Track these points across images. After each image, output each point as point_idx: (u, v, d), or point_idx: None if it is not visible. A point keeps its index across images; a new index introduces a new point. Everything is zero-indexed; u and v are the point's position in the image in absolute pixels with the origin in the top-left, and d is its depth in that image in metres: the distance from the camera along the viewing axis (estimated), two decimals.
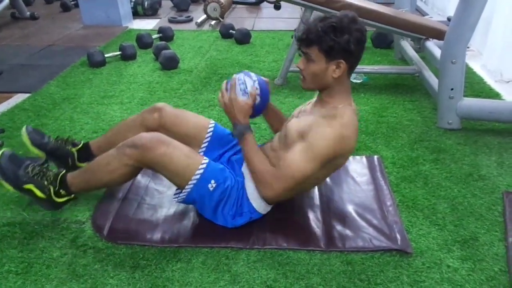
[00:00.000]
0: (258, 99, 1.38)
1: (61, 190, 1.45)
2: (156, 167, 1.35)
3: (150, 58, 3.18)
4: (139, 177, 1.71)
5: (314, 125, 1.25)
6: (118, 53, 3.13)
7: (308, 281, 1.24)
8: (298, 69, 1.33)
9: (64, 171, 1.49)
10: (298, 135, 1.26)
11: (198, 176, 1.33)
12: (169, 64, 2.93)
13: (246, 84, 1.36)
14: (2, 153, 1.42)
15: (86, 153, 1.66)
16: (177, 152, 1.33)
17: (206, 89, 2.63)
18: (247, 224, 1.42)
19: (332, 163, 1.30)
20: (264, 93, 1.39)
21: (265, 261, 1.31)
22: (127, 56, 3.12)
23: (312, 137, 1.22)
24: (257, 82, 1.37)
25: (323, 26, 1.19)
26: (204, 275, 1.26)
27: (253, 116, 1.42)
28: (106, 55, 3.04)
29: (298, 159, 1.24)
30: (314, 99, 1.42)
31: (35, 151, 1.62)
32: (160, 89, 2.62)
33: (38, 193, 1.42)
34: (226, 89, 1.37)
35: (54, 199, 1.45)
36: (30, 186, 1.41)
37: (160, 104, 1.58)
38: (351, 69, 1.26)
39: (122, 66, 3.02)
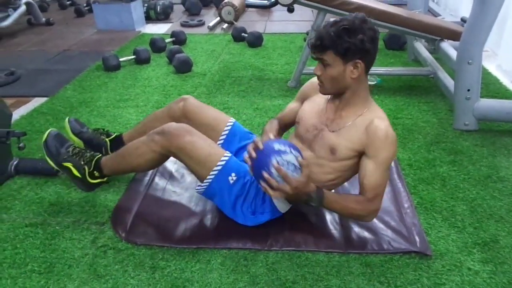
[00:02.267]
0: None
1: (95, 172, 1.51)
2: (180, 155, 1.38)
3: (164, 62, 3.21)
4: (156, 179, 1.73)
5: (369, 138, 1.25)
6: (132, 57, 3.17)
7: (327, 283, 1.24)
8: (311, 71, 1.34)
9: (100, 154, 1.54)
10: (353, 151, 1.28)
11: (219, 167, 1.35)
12: (183, 67, 2.96)
13: (289, 161, 1.23)
14: (49, 132, 1.52)
15: (118, 143, 1.72)
16: (201, 142, 1.37)
17: (220, 92, 2.65)
18: (265, 225, 1.42)
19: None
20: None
21: (283, 263, 1.31)
22: (141, 60, 3.15)
23: (377, 151, 1.24)
24: (294, 150, 1.24)
25: (335, 30, 1.19)
26: (223, 276, 1.27)
27: None
28: (120, 59, 3.08)
29: (379, 179, 1.26)
30: (324, 99, 1.39)
31: (75, 138, 1.74)
32: (174, 92, 2.65)
33: (75, 171, 1.48)
34: (270, 174, 1.23)
35: (88, 180, 1.50)
36: (68, 164, 1.48)
37: (186, 96, 1.65)
38: (368, 67, 1.26)
39: (137, 70, 3.06)
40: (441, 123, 2.21)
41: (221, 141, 1.56)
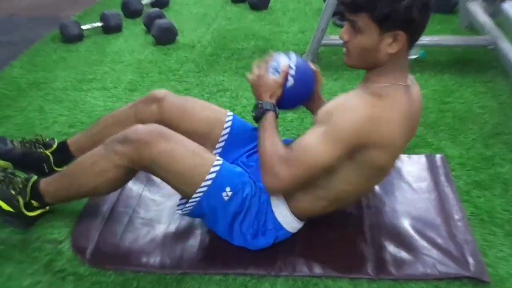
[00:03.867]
0: (291, 81, 1.43)
1: (32, 201, 1.47)
2: (155, 169, 1.36)
3: (140, 30, 3.19)
4: (130, 184, 1.71)
5: (344, 102, 1.25)
6: (99, 24, 3.15)
7: None
8: (333, 41, 1.32)
9: (35, 177, 1.51)
10: (325, 117, 1.26)
11: (209, 182, 1.33)
12: (165, 37, 2.95)
13: (280, 62, 1.44)
14: None
15: (65, 155, 1.68)
16: (182, 149, 1.34)
17: (213, 70, 2.64)
18: (272, 245, 1.42)
19: (366, 156, 1.25)
20: (303, 78, 1.45)
21: None
22: (110, 28, 3.13)
23: (336, 115, 1.22)
24: (294, 62, 1.44)
25: None
26: None
27: (284, 104, 1.46)
28: (83, 27, 3.06)
29: (314, 142, 1.23)
30: None
31: (0, 162, 1.65)
32: (154, 70, 2.64)
33: (4, 206, 1.44)
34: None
35: (24, 213, 1.47)
36: None
37: (161, 92, 1.58)
38: (412, 43, 1.23)
39: (105, 40, 3.04)
40: (503, 109, 2.20)
41: (219, 150, 1.56)
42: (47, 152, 1.69)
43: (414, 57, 2.68)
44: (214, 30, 3.17)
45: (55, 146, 1.70)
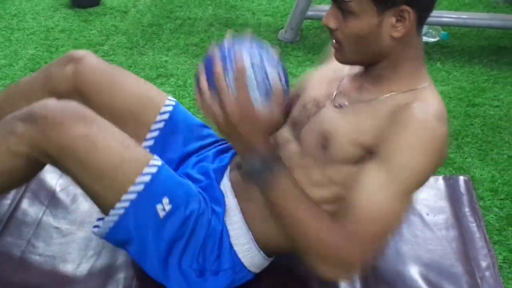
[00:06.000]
0: (285, 99, 1.27)
1: None
2: (64, 161, 1.30)
3: None
4: (25, 204, 1.66)
5: (390, 129, 1.18)
6: None
7: None
8: (321, 13, 1.26)
9: None
10: (359, 146, 1.21)
11: (140, 187, 1.28)
12: None
13: (267, 72, 1.21)
14: None
15: None
16: (106, 137, 1.31)
17: (153, 46, 2.60)
18: None
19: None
20: (288, 84, 1.30)
21: None
22: None
23: (395, 154, 1.16)
24: (282, 70, 1.26)
25: None
26: None
27: None
28: None
29: (384, 201, 1.16)
30: (354, 69, 1.36)
31: None
32: (67, 43, 2.60)
33: None
34: (210, 80, 1.23)
35: None
36: None
37: (81, 52, 1.56)
38: (422, 20, 1.19)
39: None
40: None
41: (150, 141, 1.52)
42: None
43: (434, 40, 2.67)
44: None
45: None
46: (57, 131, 1.27)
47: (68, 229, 1.59)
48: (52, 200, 1.68)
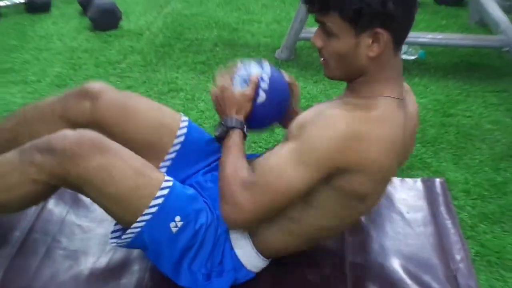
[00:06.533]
0: (262, 96, 1.44)
1: None
2: (84, 189, 1.33)
3: (74, 10, 3.17)
4: (50, 204, 1.69)
5: (322, 114, 1.24)
6: (22, 0, 3.13)
7: None
8: (313, 35, 1.31)
9: None
10: (297, 131, 1.27)
11: (154, 209, 1.31)
12: (105, 21, 2.93)
13: (250, 71, 1.46)
14: None
15: None
16: (122, 165, 1.31)
17: (165, 64, 2.65)
18: None
19: (346, 182, 1.25)
20: (277, 93, 1.48)
21: None
22: (36, 7, 3.10)
23: (310, 129, 1.22)
24: (267, 73, 1.47)
25: None
26: None
27: (253, 123, 1.47)
28: (0, 3, 3.04)
29: (282, 162, 1.23)
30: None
31: None
32: (89, 62, 2.64)
33: None
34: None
35: None
36: None
37: (96, 86, 1.54)
38: (398, 41, 1.23)
39: (28, 22, 3.00)
40: None
41: (168, 162, 1.55)
42: None
43: (412, 58, 2.72)
44: (168, 14, 3.16)
45: None
46: (75, 164, 1.27)
47: (89, 227, 1.63)
48: (75, 201, 1.71)
